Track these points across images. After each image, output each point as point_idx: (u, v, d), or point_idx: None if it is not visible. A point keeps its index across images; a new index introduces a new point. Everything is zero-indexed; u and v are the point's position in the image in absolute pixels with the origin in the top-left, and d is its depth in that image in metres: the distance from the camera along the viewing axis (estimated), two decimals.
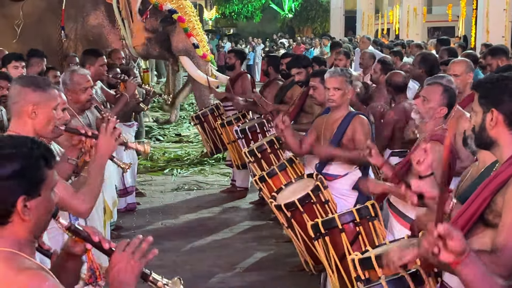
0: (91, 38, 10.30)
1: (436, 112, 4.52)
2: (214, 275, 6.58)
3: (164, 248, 7.27)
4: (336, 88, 5.44)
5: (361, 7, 27.72)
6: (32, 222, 2.12)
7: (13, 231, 2.11)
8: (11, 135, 2.21)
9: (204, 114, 9.05)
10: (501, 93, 2.89)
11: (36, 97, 3.59)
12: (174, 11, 10.19)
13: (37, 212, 2.12)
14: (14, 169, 2.06)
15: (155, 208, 8.96)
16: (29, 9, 10.40)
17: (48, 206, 2.18)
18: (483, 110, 2.92)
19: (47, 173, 2.15)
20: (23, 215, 2.08)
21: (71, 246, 2.40)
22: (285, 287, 6.27)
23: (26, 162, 2.09)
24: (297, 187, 5.34)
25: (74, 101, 5.16)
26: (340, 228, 4.49)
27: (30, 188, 2.09)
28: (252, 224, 8.27)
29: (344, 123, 5.53)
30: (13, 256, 2.07)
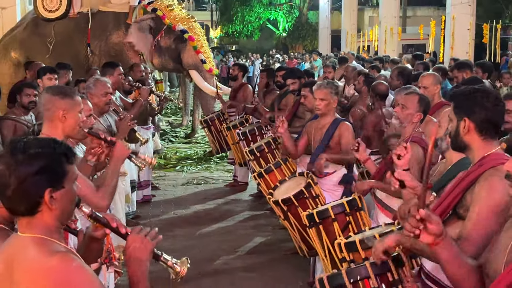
0: (113, 54, 10.20)
1: (413, 117, 4.55)
2: (219, 258, 6.62)
3: (175, 234, 7.41)
4: (322, 99, 5.50)
5: (345, 27, 27.53)
6: (58, 211, 2.12)
7: (42, 219, 2.11)
8: (36, 138, 2.25)
9: (211, 119, 9.10)
10: (473, 104, 2.88)
11: (65, 103, 3.66)
12: (185, 31, 10.26)
13: (62, 202, 2.13)
14: (40, 166, 2.06)
15: (168, 200, 9.01)
16: (60, 28, 10.39)
17: (71, 196, 2.19)
18: (457, 119, 2.93)
19: (69, 168, 2.16)
20: (50, 205, 2.08)
21: (93, 231, 2.42)
22: (280, 268, 6.27)
23: (50, 159, 2.09)
24: (291, 185, 5.30)
25: (95, 104, 5.17)
26: (333, 218, 4.45)
27: (55, 181, 2.10)
28: (251, 214, 8.32)
29: (331, 128, 5.56)
30: (44, 241, 2.08)
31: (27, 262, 2.05)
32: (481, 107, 2.89)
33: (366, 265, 2.98)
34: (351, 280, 2.90)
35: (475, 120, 2.88)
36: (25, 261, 2.06)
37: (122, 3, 10.53)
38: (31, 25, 10.76)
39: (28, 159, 2.06)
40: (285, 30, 39.81)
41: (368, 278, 2.88)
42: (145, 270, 2.21)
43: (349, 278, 2.91)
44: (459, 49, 14.86)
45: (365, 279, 2.91)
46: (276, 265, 6.39)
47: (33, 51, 10.30)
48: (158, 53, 10.41)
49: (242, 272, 6.27)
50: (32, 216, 2.10)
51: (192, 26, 10.52)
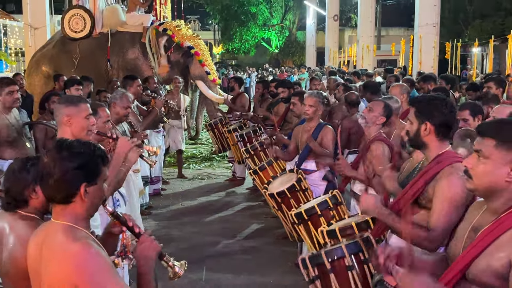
0: (129, 68, 10.19)
1: (377, 120, 4.60)
2: (220, 242, 6.64)
3: (183, 222, 7.42)
4: (311, 105, 5.51)
5: (328, 45, 27.50)
6: (88, 203, 2.15)
7: (74, 209, 2.13)
8: (79, 140, 2.27)
9: (215, 123, 9.14)
10: (433, 109, 2.93)
11: (68, 110, 3.60)
12: (192, 47, 10.27)
13: (93, 196, 2.16)
14: (80, 163, 2.09)
15: (176, 193, 8.99)
16: (84, 46, 10.39)
17: (100, 193, 2.21)
18: (418, 122, 2.96)
19: (102, 169, 2.19)
20: (83, 197, 2.11)
21: (111, 227, 2.45)
22: (272, 250, 6.29)
23: (89, 158, 2.13)
24: (283, 180, 5.30)
25: (117, 113, 5.17)
26: (319, 213, 4.43)
27: (90, 177, 2.13)
28: (248, 204, 8.32)
29: (316, 131, 5.56)
30: (70, 228, 2.10)
31: (54, 246, 2.08)
32: (440, 113, 2.94)
33: (342, 246, 2.99)
34: (329, 260, 2.92)
35: (434, 123, 2.92)
36: (53, 245, 2.08)
37: (136, 25, 10.54)
38: (59, 43, 10.75)
39: (71, 156, 2.10)
40: (277, 48, 39.87)
41: (344, 257, 2.90)
42: (152, 265, 2.24)
43: (327, 258, 2.93)
44: (426, 64, 14.91)
45: (342, 258, 2.92)
46: (269, 248, 6.40)
47: (61, 65, 10.30)
48: (168, 66, 10.37)
49: (240, 254, 6.28)
50: (66, 205, 2.13)
51: (198, 43, 10.52)
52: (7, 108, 5.27)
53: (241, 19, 38.54)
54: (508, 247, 1.90)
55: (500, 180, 2.03)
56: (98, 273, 2.02)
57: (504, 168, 2.02)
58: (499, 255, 1.91)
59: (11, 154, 5.28)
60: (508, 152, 2.01)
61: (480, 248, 1.98)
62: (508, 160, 2.01)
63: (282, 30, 39.64)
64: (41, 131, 5.90)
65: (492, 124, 2.15)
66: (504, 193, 2.04)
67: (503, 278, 1.88)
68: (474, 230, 2.10)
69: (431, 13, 15.14)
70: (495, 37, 18.36)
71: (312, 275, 2.95)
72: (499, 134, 2.04)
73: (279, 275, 5.61)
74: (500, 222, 1.97)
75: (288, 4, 39.67)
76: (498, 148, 2.03)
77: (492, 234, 1.96)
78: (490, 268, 1.93)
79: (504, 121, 2.15)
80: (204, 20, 45.61)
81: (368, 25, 21.94)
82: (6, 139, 5.23)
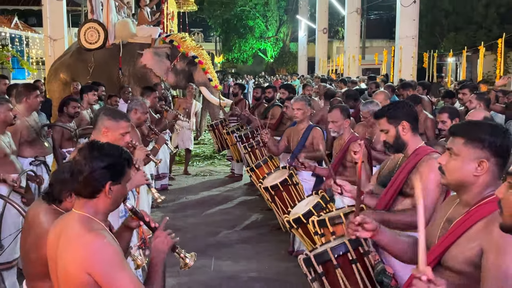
0: (139, 75, 10.21)
1: (344, 125, 4.64)
2: (220, 232, 6.63)
3: (187, 214, 7.41)
4: (298, 109, 5.52)
5: (318, 55, 27.56)
6: (111, 200, 2.16)
7: (96, 203, 2.14)
8: (109, 143, 2.29)
9: (215, 124, 9.15)
10: (404, 110, 3.05)
11: (109, 123, 3.63)
12: (196, 57, 10.24)
13: (116, 194, 2.17)
14: (108, 163, 2.12)
15: (181, 188, 8.99)
16: (97, 56, 10.38)
17: (123, 192, 2.23)
18: (394, 126, 3.03)
19: (127, 170, 2.21)
20: (107, 194, 2.13)
21: (129, 221, 2.45)
22: (268, 240, 6.29)
23: (116, 160, 2.16)
24: (276, 175, 5.29)
25: (138, 118, 5.20)
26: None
27: (116, 177, 2.15)
28: (245, 198, 8.32)
29: (306, 132, 5.57)
30: (88, 219, 2.11)
31: (70, 234, 2.08)
32: (409, 111, 3.10)
33: (346, 242, 2.87)
34: (335, 256, 2.81)
35: (408, 120, 3.05)
36: (69, 233, 2.09)
37: (145, 36, 10.53)
38: (75, 53, 10.73)
39: (101, 156, 2.14)
40: (272, 57, 39.86)
41: (348, 252, 2.81)
42: (163, 257, 2.24)
43: (334, 254, 2.82)
44: (405, 72, 14.92)
45: (346, 253, 2.82)
46: (264, 238, 6.40)
47: (77, 73, 10.29)
48: (174, 74, 10.38)
49: (238, 243, 6.27)
50: (89, 199, 2.15)
51: (201, 53, 10.50)
52: (29, 111, 5.29)
53: (240, 32, 38.60)
54: (478, 237, 1.89)
55: (469, 175, 2.03)
56: (109, 262, 2.01)
57: (472, 164, 2.02)
58: (471, 245, 1.91)
59: (31, 152, 5.29)
60: (475, 149, 2.02)
61: (453, 237, 1.98)
62: (475, 156, 2.02)
63: (276, 41, 39.65)
64: (58, 132, 5.88)
65: (461, 125, 2.16)
66: (473, 186, 2.04)
67: (474, 265, 1.89)
68: (448, 221, 2.10)
69: (410, 26, 15.15)
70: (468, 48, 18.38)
71: (318, 272, 2.83)
72: (467, 134, 2.05)
73: (273, 261, 5.61)
74: (471, 214, 1.97)
75: (282, 18, 39.71)
76: (466, 145, 2.04)
77: (464, 225, 1.96)
78: (463, 256, 1.93)
79: (472, 122, 2.17)
80: (206, 32, 45.55)
81: (354, 37, 21.96)
82: (26, 139, 5.23)
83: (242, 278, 5.22)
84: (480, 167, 2.01)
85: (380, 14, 36.65)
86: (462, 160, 2.05)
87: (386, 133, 3.07)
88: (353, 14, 21.59)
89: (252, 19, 38.19)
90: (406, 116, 3.03)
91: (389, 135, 3.06)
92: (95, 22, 10.49)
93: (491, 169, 2.02)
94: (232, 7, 37.57)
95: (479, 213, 1.95)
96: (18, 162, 4.71)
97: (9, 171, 4.45)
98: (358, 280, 2.78)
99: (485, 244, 1.86)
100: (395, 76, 15.72)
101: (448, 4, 25.87)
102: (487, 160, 2.01)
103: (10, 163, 4.55)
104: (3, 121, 4.53)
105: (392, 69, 17.03)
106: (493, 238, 1.83)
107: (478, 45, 15.05)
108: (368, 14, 33.46)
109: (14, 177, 4.34)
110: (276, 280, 5.14)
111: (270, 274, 5.29)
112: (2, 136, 4.56)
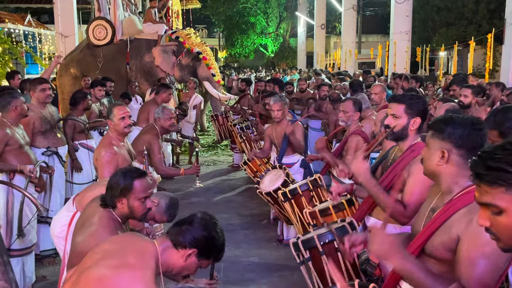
0: (145, 70, 10.24)
1: (353, 117, 4.59)
2: (222, 218, 6.61)
3: (192, 202, 7.46)
4: (278, 110, 5.40)
5: (316, 50, 27.41)
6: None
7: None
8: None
9: (216, 115, 9.36)
10: (421, 107, 2.90)
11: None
12: (200, 53, 10.33)
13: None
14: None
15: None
16: (106, 51, 10.41)
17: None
18: (408, 117, 2.88)
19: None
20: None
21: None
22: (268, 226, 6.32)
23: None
24: (272, 177, 5.12)
25: (161, 126, 5.21)
26: (300, 194, 4.44)
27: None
28: (247, 187, 8.32)
29: (288, 129, 5.38)
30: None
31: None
32: (426, 111, 2.95)
33: (332, 230, 2.87)
34: (321, 243, 2.82)
35: (422, 119, 2.91)
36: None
37: (151, 33, 10.54)
38: (85, 49, 10.72)
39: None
40: (273, 52, 39.72)
41: (334, 241, 2.81)
42: None
43: (319, 241, 2.82)
44: (399, 65, 14.90)
45: (332, 241, 2.82)
46: (265, 224, 6.43)
47: (87, 68, 10.29)
48: (179, 68, 10.39)
49: (241, 229, 6.30)
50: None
51: (205, 49, 10.57)
52: (41, 103, 5.28)
53: (242, 28, 38.43)
54: (457, 225, 1.89)
55: (434, 164, 2.05)
56: None
57: (436, 154, 2.03)
58: (450, 232, 1.91)
59: (44, 143, 5.29)
60: (438, 140, 2.03)
61: (435, 226, 1.98)
62: (438, 147, 2.03)
63: (277, 37, 39.48)
64: (70, 126, 5.87)
65: (435, 119, 2.17)
66: (441, 176, 2.05)
67: (453, 252, 1.88)
68: (432, 211, 2.10)
69: (404, 22, 15.10)
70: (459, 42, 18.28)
71: (305, 256, 2.84)
72: (433, 126, 2.08)
73: (273, 247, 5.64)
74: (452, 204, 1.97)
75: (282, 15, 39.51)
76: (432, 137, 2.06)
77: (445, 215, 1.96)
78: (443, 244, 1.93)
79: (441, 117, 2.14)
80: (210, 28, 45.37)
81: (350, 32, 21.88)
82: (39, 129, 5.23)
83: (243, 262, 5.25)
84: (442, 158, 2.01)
85: (375, 11, 36.44)
86: (429, 151, 2.07)
87: (395, 118, 2.92)
88: (349, 10, 21.49)
89: (253, 16, 38.02)
90: (422, 114, 2.91)
91: (399, 122, 2.90)
92: (103, 19, 10.48)
93: (455, 159, 2.00)
94: (234, 4, 37.43)
95: (460, 203, 1.94)
96: (33, 153, 4.74)
97: (25, 161, 4.48)
98: (343, 268, 2.78)
99: (462, 232, 1.86)
100: (389, 70, 15.69)
101: (440, 0, 25.71)
102: (448, 151, 2.00)
103: (25, 154, 4.57)
104: (19, 114, 4.54)
105: (387, 63, 16.98)
106: (469, 227, 1.83)
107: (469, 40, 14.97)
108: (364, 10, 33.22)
109: (30, 168, 4.38)
110: (275, 264, 5.17)
111: (270, 259, 5.32)
112: (16, 128, 4.58)
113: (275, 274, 4.94)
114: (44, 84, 5.29)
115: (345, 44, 21.56)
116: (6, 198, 4.32)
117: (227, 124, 9.15)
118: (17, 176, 4.41)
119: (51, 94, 5.36)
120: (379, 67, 18.78)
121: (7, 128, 4.44)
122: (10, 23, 17.78)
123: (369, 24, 34.96)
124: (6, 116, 4.49)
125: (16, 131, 4.55)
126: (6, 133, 4.40)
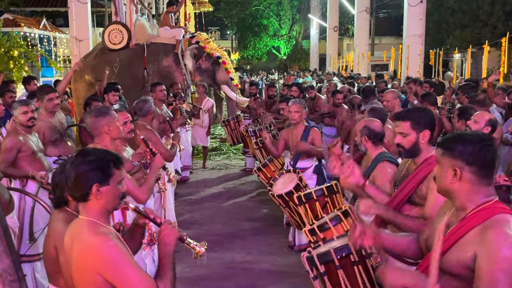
0: (163, 74, 10.20)
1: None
2: (234, 223, 6.66)
3: (203, 206, 7.45)
4: (296, 111, 5.39)
5: (329, 52, 27.31)
6: (104, 202, 2.14)
7: (92, 206, 2.14)
8: (95, 148, 2.32)
9: (228, 120, 9.39)
10: (428, 119, 2.89)
11: (107, 120, 3.68)
12: (220, 57, 10.41)
13: (107, 195, 2.14)
14: (92, 166, 2.11)
15: (199, 181, 9.02)
16: (122, 56, 10.28)
17: (115, 192, 2.18)
18: (416, 132, 2.86)
19: (115, 171, 2.17)
20: (96, 196, 2.12)
21: (137, 219, 2.48)
22: (279, 232, 6.23)
23: (101, 162, 2.13)
24: (285, 180, 5.09)
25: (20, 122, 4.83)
26: (315, 199, 4.37)
27: (102, 179, 2.13)
28: (258, 191, 8.31)
29: (305, 134, 5.44)
30: (93, 224, 2.12)
31: (80, 239, 2.11)
32: (433, 120, 2.94)
33: (349, 244, 2.76)
34: (338, 257, 2.76)
35: (431, 130, 2.90)
36: (79, 238, 2.12)
37: (169, 37, 10.49)
38: (100, 53, 10.68)
39: (86, 161, 2.14)
40: (285, 54, 39.64)
41: (350, 254, 2.75)
42: (171, 250, 2.22)
43: (336, 255, 2.76)
44: (412, 69, 14.76)
45: (349, 255, 2.76)
46: (276, 230, 6.37)
47: (102, 74, 10.24)
48: (199, 72, 10.47)
49: (251, 235, 6.28)
50: (85, 202, 2.15)
51: (224, 54, 10.70)
52: (50, 112, 5.29)
53: (255, 30, 38.41)
54: (473, 243, 1.90)
55: (447, 182, 2.02)
56: (117, 262, 2.04)
57: (449, 172, 2.01)
58: (466, 250, 1.92)
59: (54, 152, 5.32)
60: (449, 158, 2.01)
61: (450, 242, 1.98)
62: (450, 165, 2.01)
63: (289, 39, 39.39)
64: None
65: (444, 137, 2.15)
66: (455, 194, 2.03)
67: (469, 269, 1.90)
68: (447, 226, 2.08)
69: (417, 25, 14.94)
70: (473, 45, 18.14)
71: (320, 271, 2.78)
72: (443, 144, 2.06)
73: (285, 253, 5.61)
74: (467, 221, 1.97)
75: (295, 17, 39.40)
76: (444, 155, 2.04)
77: (460, 232, 1.97)
78: (459, 260, 1.94)
79: (450, 135, 2.13)
80: (223, 31, 45.47)
81: (363, 35, 21.74)
82: (49, 139, 5.26)
83: (254, 269, 5.23)
84: (455, 176, 1.99)
85: (388, 12, 36.18)
86: (442, 170, 2.05)
87: (404, 136, 2.90)
88: (362, 13, 21.34)
89: (266, 18, 37.97)
90: (429, 125, 2.88)
91: (408, 139, 2.88)
92: (119, 23, 10.47)
93: (468, 176, 1.97)
94: (247, 6, 37.41)
95: (474, 220, 1.94)
96: (46, 160, 4.78)
97: (38, 168, 4.54)
98: (359, 282, 2.73)
99: (479, 250, 1.86)
100: (402, 73, 15.56)
101: (454, 2, 25.44)
102: (460, 169, 1.98)
103: (38, 160, 4.62)
104: (20, 124, 4.60)
105: (400, 66, 16.85)
106: (486, 244, 1.84)
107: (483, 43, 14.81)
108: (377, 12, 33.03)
109: (42, 174, 4.43)
110: (287, 271, 5.14)
111: (281, 266, 5.29)
112: (29, 135, 4.63)
113: (286, 281, 4.92)
114: (52, 94, 5.27)
115: (358, 46, 21.43)
116: (18, 205, 4.35)
117: (238, 129, 9.14)
118: (30, 182, 4.45)
119: (58, 104, 5.36)
120: (393, 70, 18.59)
121: (20, 135, 4.48)
122: (26, 27, 17.95)
123: (382, 26, 34.72)
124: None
125: (30, 138, 4.59)
126: (19, 140, 4.45)
